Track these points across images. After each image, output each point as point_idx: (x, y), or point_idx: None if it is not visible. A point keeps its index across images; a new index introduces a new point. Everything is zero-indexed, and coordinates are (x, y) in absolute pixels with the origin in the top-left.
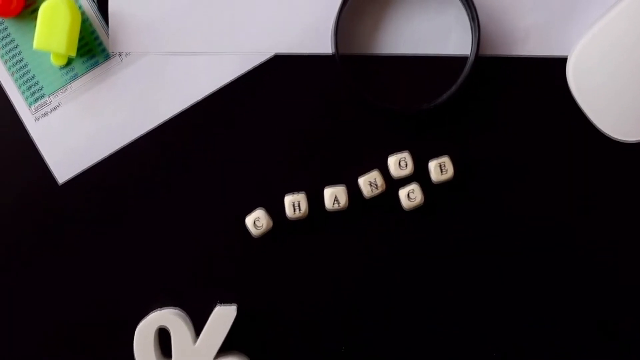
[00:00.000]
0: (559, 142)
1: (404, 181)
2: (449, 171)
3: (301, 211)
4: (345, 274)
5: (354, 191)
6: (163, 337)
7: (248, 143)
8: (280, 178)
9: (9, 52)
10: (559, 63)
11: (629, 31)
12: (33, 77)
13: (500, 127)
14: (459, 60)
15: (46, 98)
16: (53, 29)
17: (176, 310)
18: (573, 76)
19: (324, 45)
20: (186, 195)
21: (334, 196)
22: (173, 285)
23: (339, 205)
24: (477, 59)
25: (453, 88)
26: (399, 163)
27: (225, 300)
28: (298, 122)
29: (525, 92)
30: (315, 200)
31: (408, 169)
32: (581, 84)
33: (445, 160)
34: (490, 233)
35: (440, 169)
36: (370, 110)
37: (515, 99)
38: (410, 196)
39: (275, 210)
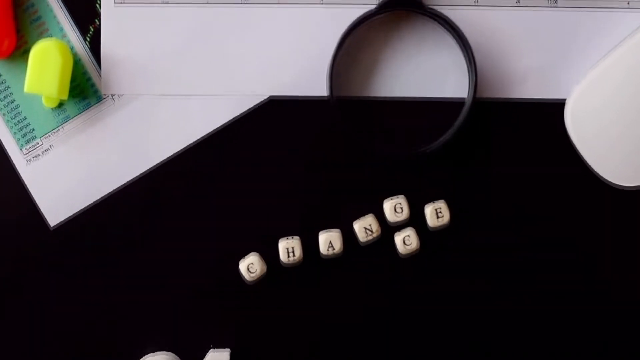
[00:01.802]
0: (557, 186)
1: (400, 225)
2: (445, 217)
3: (295, 257)
4: (340, 320)
5: (349, 235)
6: None
7: (242, 186)
8: (275, 221)
9: (0, 93)
10: (557, 106)
11: (628, 76)
12: (24, 118)
13: (497, 170)
14: (456, 103)
15: (37, 140)
16: (44, 72)
17: (169, 355)
18: (571, 120)
19: (319, 87)
20: (179, 239)
21: (328, 242)
22: (166, 329)
23: (333, 251)
24: (474, 103)
25: (449, 132)
26: (394, 208)
27: (219, 345)
28: (292, 165)
29: (522, 135)
30: (310, 244)
31: (404, 215)
32: (579, 128)
33: (441, 205)
34: (488, 280)
35: (436, 214)
36: (365, 154)
37: (512, 142)
38: (405, 242)
39: (270, 254)
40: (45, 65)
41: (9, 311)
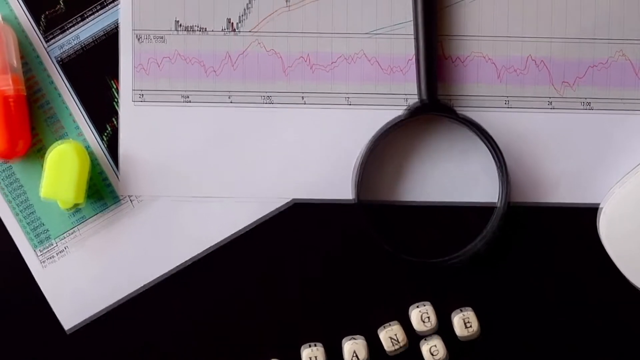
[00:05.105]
0: (589, 294)
1: (427, 333)
2: (474, 327)
3: None
4: None
5: (374, 340)
6: None
7: (264, 289)
8: (297, 326)
9: (13, 191)
10: (590, 210)
11: None
12: (38, 219)
13: (528, 277)
14: (487, 208)
15: (52, 242)
16: (60, 177)
17: None
18: (605, 227)
19: (344, 190)
20: (198, 343)
21: (352, 351)
22: None
23: None
24: (506, 211)
25: (479, 241)
26: (421, 318)
27: None
28: (316, 269)
29: (554, 241)
30: (334, 350)
31: (431, 324)
32: (612, 235)
33: (470, 314)
34: None
35: (464, 324)
36: (391, 260)
37: (544, 248)
38: (432, 352)
39: (292, 359)
40: (62, 171)
41: None
